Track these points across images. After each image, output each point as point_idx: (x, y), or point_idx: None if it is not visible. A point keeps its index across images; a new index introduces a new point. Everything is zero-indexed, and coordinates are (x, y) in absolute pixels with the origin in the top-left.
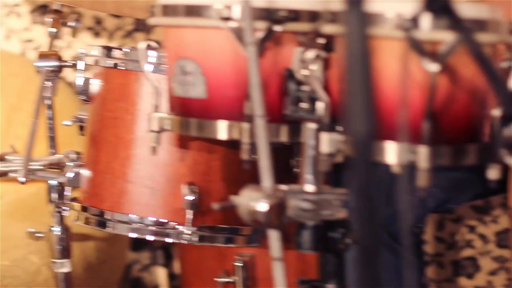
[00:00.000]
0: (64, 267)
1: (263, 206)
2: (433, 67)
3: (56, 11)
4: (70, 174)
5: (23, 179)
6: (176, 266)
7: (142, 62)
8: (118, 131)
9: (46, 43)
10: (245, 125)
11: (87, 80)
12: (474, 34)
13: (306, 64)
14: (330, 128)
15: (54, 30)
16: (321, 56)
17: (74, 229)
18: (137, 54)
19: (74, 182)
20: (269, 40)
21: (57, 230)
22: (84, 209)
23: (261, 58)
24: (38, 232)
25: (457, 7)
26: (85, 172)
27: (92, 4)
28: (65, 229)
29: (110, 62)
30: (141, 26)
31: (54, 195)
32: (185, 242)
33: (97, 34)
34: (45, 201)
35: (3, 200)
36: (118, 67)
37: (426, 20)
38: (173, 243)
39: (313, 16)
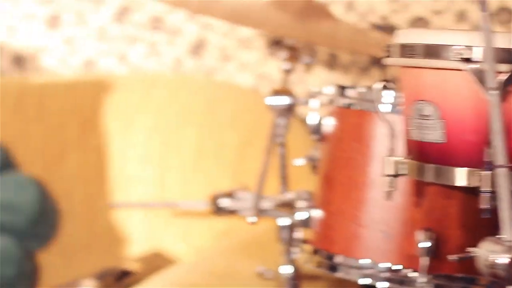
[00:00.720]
0: None
1: (504, 260)
2: None
3: (291, 47)
4: (301, 215)
5: (254, 220)
6: None
7: (377, 102)
8: (351, 172)
9: (279, 78)
10: (485, 173)
11: (320, 119)
12: None
13: None
14: None
15: (287, 66)
16: None
17: (304, 269)
18: (372, 94)
19: (305, 223)
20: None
21: (286, 270)
22: (315, 251)
23: (504, 102)
24: (267, 271)
25: None
26: (317, 213)
27: (326, 41)
28: (295, 269)
29: (344, 102)
30: (377, 62)
31: (284, 235)
32: None
33: (331, 69)
34: (274, 240)
35: (231, 237)
36: (353, 107)
37: None
38: None
39: None
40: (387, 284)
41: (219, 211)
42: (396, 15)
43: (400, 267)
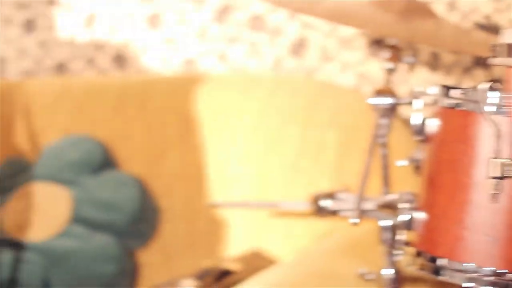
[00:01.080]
0: None
1: None
2: None
3: (393, 47)
4: (404, 216)
5: (356, 221)
6: None
7: (482, 103)
8: (456, 174)
9: (381, 78)
10: None
11: (423, 120)
12: None
13: None
14: None
15: (390, 65)
16: None
17: (406, 271)
18: (478, 94)
19: (408, 225)
20: None
21: (388, 272)
22: (418, 254)
23: None
24: (369, 273)
25: None
26: (420, 215)
27: (429, 40)
28: (397, 272)
29: (449, 102)
30: (480, 62)
31: (386, 237)
32: None
33: (433, 70)
34: (376, 242)
35: (332, 238)
36: (458, 108)
37: None
38: None
39: None
40: None
41: (320, 211)
42: (500, 14)
43: (505, 271)
